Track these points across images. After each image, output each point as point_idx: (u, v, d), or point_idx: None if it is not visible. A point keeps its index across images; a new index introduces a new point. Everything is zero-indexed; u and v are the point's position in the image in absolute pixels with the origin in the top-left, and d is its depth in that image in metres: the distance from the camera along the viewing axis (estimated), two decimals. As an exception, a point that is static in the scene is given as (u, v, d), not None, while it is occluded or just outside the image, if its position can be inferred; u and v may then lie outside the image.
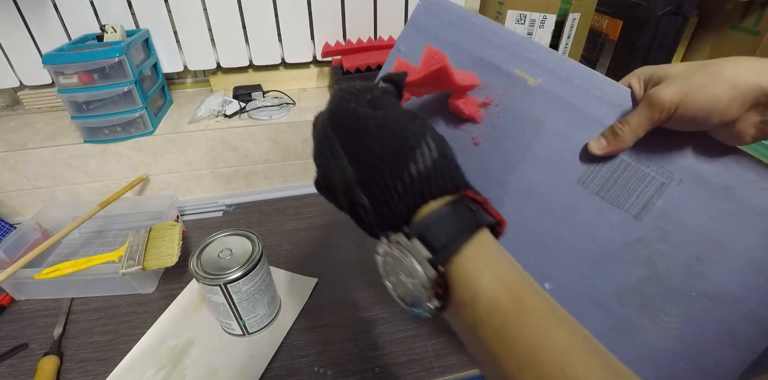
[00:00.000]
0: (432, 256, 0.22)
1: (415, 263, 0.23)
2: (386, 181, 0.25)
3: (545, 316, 0.22)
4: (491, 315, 0.22)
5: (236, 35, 0.84)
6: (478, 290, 0.22)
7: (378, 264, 0.26)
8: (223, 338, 0.56)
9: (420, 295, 0.23)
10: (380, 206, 0.25)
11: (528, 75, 0.38)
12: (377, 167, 0.25)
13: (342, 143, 0.28)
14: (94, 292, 0.63)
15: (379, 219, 0.26)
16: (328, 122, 0.29)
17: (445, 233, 0.23)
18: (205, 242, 0.54)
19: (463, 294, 0.22)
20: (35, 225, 0.71)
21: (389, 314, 0.59)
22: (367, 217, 0.27)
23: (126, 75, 0.71)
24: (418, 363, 0.52)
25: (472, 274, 0.22)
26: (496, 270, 0.23)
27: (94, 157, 0.76)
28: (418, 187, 0.24)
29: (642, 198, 0.36)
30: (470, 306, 0.22)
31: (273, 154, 0.83)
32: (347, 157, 0.27)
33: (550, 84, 0.37)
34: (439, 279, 0.23)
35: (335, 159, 0.28)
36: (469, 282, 0.22)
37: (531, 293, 0.22)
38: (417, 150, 0.25)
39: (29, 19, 0.77)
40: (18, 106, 0.89)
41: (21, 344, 0.56)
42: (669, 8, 0.77)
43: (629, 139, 0.34)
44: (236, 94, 0.86)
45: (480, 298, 0.22)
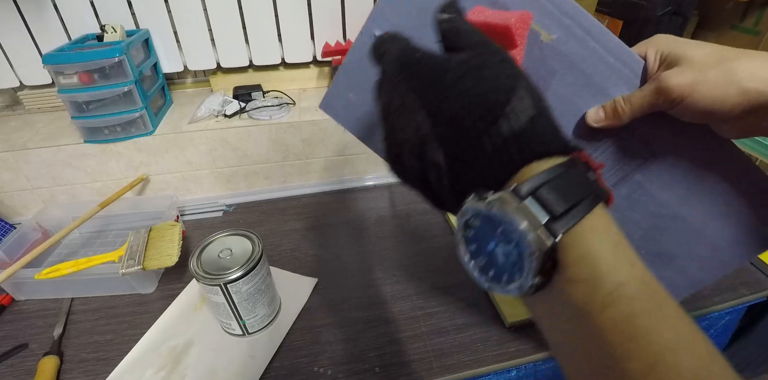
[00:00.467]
0: (551, 220, 0.19)
1: (526, 228, 0.19)
2: (470, 137, 0.21)
3: (681, 318, 0.19)
4: (616, 301, 0.18)
5: (236, 35, 0.84)
6: (600, 270, 0.19)
7: (457, 229, 0.23)
8: (223, 338, 0.56)
9: (520, 267, 0.20)
10: (461, 165, 0.22)
11: (542, 29, 0.35)
12: (459, 122, 0.22)
13: (418, 95, 0.23)
14: (94, 292, 0.63)
15: (456, 180, 0.23)
16: (398, 73, 0.25)
17: (564, 198, 0.19)
18: (205, 242, 0.54)
19: (578, 272, 0.19)
20: (35, 225, 0.71)
21: (389, 314, 0.59)
22: (439, 179, 0.23)
23: (126, 75, 0.71)
24: (418, 363, 0.52)
25: (594, 250, 0.19)
26: (622, 249, 0.20)
27: (94, 157, 0.76)
28: (514, 146, 0.21)
29: (623, 171, 0.37)
30: (586, 287, 0.19)
31: (273, 154, 0.83)
32: (424, 111, 0.23)
33: (564, 43, 0.35)
34: (553, 250, 0.19)
35: (407, 112, 0.24)
36: (590, 259, 0.19)
37: (662, 288, 0.19)
38: (508, 105, 0.21)
39: (29, 19, 0.77)
40: (18, 106, 0.89)
41: (21, 344, 0.56)
42: (669, 8, 0.77)
43: (627, 117, 0.34)
44: (236, 94, 0.86)
45: (603, 279, 0.18)
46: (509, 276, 0.20)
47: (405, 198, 0.85)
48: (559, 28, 0.35)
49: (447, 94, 0.22)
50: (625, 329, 0.18)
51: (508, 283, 0.21)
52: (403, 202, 0.83)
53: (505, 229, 0.20)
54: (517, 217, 0.19)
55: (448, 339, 0.55)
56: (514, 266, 0.20)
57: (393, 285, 0.64)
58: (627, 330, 0.18)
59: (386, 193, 0.86)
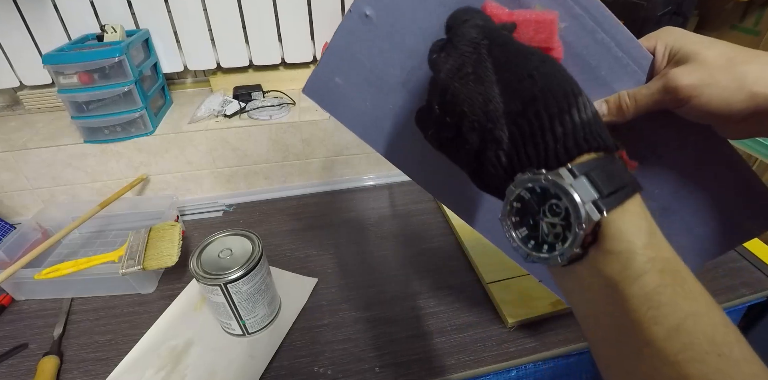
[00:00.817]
0: (600, 198, 0.21)
1: (580, 201, 0.21)
2: (544, 120, 0.23)
3: (702, 293, 0.21)
4: (646, 273, 0.21)
5: (236, 35, 0.84)
6: (635, 245, 0.21)
7: (505, 202, 0.25)
8: (223, 338, 0.56)
9: (563, 238, 0.22)
10: (525, 144, 0.23)
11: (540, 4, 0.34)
12: (538, 102, 0.23)
13: (497, 68, 0.24)
14: (94, 292, 0.63)
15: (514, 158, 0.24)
16: (486, 42, 0.25)
17: (611, 182, 0.22)
18: (205, 242, 0.54)
19: (616, 245, 0.21)
20: (35, 225, 0.71)
21: (389, 314, 0.59)
22: (497, 157, 0.24)
23: (126, 75, 0.71)
24: (418, 363, 0.52)
25: (632, 229, 0.21)
26: (654, 230, 0.22)
27: (94, 157, 0.76)
28: (580, 134, 0.22)
29: None
30: (621, 259, 0.21)
31: (273, 154, 0.83)
32: (499, 86, 0.24)
33: (571, 33, 0.34)
34: (597, 224, 0.21)
35: (480, 84, 0.24)
36: (627, 235, 0.21)
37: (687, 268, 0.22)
38: (580, 97, 0.23)
39: (29, 19, 0.77)
40: (18, 106, 0.89)
41: (21, 344, 0.56)
42: (669, 8, 0.77)
43: (631, 114, 0.33)
44: (236, 94, 0.86)
45: (637, 253, 0.21)
46: (550, 246, 0.23)
47: (405, 198, 0.85)
48: (569, 17, 0.33)
49: (532, 73, 0.23)
50: (653, 298, 0.20)
51: (549, 252, 0.23)
52: (403, 202, 0.83)
53: (556, 202, 0.22)
54: (572, 191, 0.21)
55: (448, 339, 0.55)
56: (557, 237, 0.22)
57: (393, 285, 0.63)
58: (654, 298, 0.20)
59: (386, 193, 0.86)
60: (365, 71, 0.36)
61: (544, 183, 0.22)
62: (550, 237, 0.23)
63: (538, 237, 0.24)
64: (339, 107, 0.38)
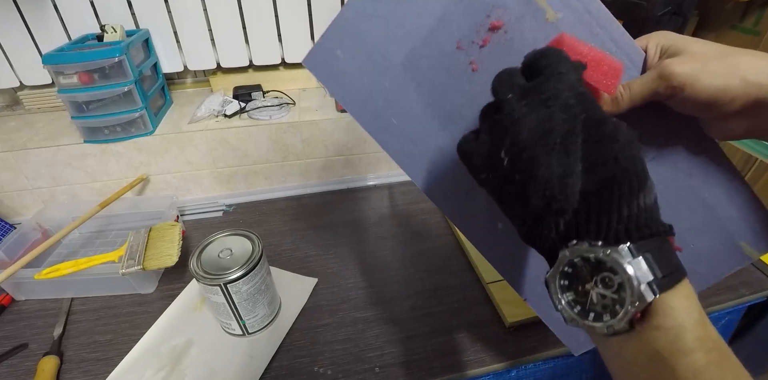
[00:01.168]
0: (655, 280, 0.22)
1: (635, 282, 0.22)
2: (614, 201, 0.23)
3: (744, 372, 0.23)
4: (696, 351, 0.22)
5: (236, 35, 0.84)
6: (686, 322, 0.22)
7: (559, 264, 0.25)
8: (223, 338, 0.56)
9: (612, 311, 0.23)
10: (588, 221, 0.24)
11: (550, 6, 0.34)
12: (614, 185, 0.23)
13: (586, 147, 0.24)
14: (94, 292, 0.63)
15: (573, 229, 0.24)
16: (581, 114, 0.24)
17: (666, 264, 0.23)
18: (205, 242, 0.54)
19: (666, 322, 0.22)
20: (35, 225, 0.71)
21: (389, 314, 0.59)
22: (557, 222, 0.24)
23: (126, 75, 0.71)
24: (418, 363, 0.52)
25: (682, 307, 0.22)
26: (702, 313, 0.23)
27: (94, 157, 0.76)
28: (642, 218, 0.23)
29: None
30: (670, 334, 0.22)
31: (273, 154, 0.83)
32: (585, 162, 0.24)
33: (568, 24, 0.34)
34: (649, 303, 0.22)
35: (565, 157, 0.24)
36: (678, 313, 0.22)
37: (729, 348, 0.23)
38: (648, 181, 0.24)
39: (29, 19, 0.77)
40: (18, 106, 0.89)
41: (21, 344, 0.56)
42: (669, 8, 0.77)
43: (625, 104, 0.32)
44: (236, 94, 0.86)
45: (687, 330, 0.22)
46: (596, 315, 0.24)
47: (405, 198, 0.85)
48: (566, 8, 0.34)
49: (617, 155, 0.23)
50: (702, 375, 0.21)
51: (595, 321, 0.24)
52: (403, 202, 0.83)
53: (609, 276, 0.23)
54: (630, 270, 0.22)
55: (448, 339, 0.55)
56: (605, 308, 0.23)
57: (393, 285, 0.63)
58: (704, 375, 0.21)
59: (386, 193, 0.86)
60: (367, 47, 0.35)
61: (602, 256, 0.23)
62: (598, 307, 0.24)
63: (586, 304, 0.24)
64: (335, 81, 0.37)
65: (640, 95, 0.32)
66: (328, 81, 0.38)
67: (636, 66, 0.34)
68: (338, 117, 0.81)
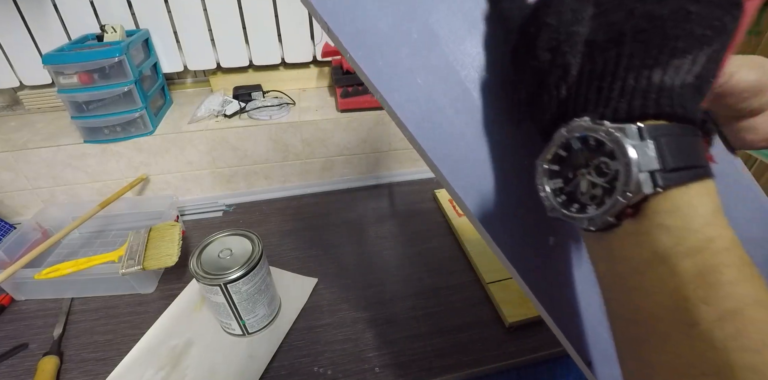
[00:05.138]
0: (660, 170, 0.18)
1: (634, 168, 0.18)
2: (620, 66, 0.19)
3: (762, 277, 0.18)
4: (702, 251, 0.18)
5: (236, 35, 0.84)
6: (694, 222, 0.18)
7: (550, 145, 0.22)
8: (223, 338, 0.56)
9: (599, 202, 0.20)
10: (589, 84, 0.20)
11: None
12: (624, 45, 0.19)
13: None
14: (94, 292, 0.63)
15: (572, 94, 0.21)
16: None
17: (681, 156, 0.18)
18: (205, 242, 0.54)
19: (668, 220, 0.18)
20: (35, 225, 0.71)
21: (389, 314, 0.59)
22: (558, 85, 0.21)
23: (126, 75, 0.71)
24: (418, 363, 0.52)
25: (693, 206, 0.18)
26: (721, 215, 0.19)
27: (94, 157, 0.76)
28: (653, 96, 0.19)
29: None
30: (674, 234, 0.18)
31: (273, 154, 0.83)
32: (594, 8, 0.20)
33: None
34: (645, 199, 0.18)
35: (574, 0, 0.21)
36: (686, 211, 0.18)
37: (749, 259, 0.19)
38: (676, 59, 0.19)
39: (29, 19, 0.77)
40: (18, 106, 0.89)
41: (21, 344, 0.56)
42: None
43: None
44: (236, 94, 0.86)
45: (695, 231, 0.18)
46: (580, 206, 0.20)
47: (405, 198, 0.85)
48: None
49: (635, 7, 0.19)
50: (708, 277, 0.18)
51: (578, 212, 0.20)
52: (403, 202, 0.83)
53: (607, 161, 0.19)
54: (630, 153, 0.18)
55: (448, 339, 0.55)
56: (593, 198, 0.20)
57: (393, 285, 0.63)
58: (709, 278, 0.18)
59: (386, 193, 0.86)
60: None
61: (603, 136, 0.19)
62: (584, 198, 0.20)
63: (573, 193, 0.21)
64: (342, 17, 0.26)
65: None
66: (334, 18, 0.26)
67: None
68: (338, 117, 0.81)
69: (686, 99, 0.19)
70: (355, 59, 0.27)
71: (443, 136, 0.27)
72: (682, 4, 0.19)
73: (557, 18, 0.21)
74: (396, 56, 0.27)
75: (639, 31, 0.19)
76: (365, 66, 0.27)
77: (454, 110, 0.27)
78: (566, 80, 0.21)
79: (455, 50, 0.28)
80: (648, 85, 0.19)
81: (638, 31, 0.19)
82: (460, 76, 0.28)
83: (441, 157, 0.27)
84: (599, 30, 0.20)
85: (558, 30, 0.21)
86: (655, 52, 0.19)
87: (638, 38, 0.19)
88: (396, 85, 0.27)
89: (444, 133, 0.27)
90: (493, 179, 0.28)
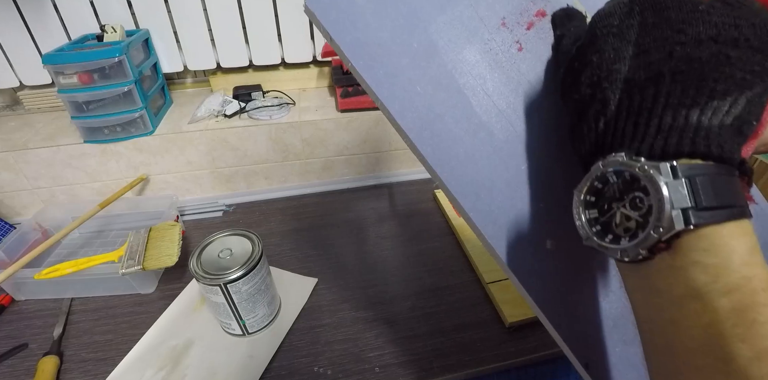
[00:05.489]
0: (693, 208, 0.18)
1: (667, 205, 0.18)
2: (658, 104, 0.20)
3: None
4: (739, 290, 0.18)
5: (236, 35, 0.84)
6: (731, 260, 0.18)
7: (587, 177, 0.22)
8: (223, 338, 0.56)
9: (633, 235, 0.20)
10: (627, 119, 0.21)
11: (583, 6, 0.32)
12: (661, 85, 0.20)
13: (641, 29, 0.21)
14: (94, 292, 0.63)
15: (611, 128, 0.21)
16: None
17: (715, 195, 0.19)
18: (205, 242, 0.54)
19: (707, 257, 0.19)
20: (35, 225, 0.71)
21: (389, 314, 0.59)
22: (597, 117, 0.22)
23: (126, 75, 0.71)
24: (418, 363, 0.52)
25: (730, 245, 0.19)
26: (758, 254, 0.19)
27: (94, 157, 0.76)
28: (689, 135, 0.19)
29: None
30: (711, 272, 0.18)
31: (273, 154, 0.83)
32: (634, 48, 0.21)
33: None
34: (677, 235, 0.19)
35: (618, 40, 0.22)
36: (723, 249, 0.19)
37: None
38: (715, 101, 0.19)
39: (29, 19, 0.77)
40: (18, 106, 0.89)
41: (21, 344, 0.56)
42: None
43: None
44: (236, 94, 0.86)
45: (732, 269, 0.18)
46: (614, 237, 0.21)
47: (405, 198, 0.85)
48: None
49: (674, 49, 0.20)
50: (744, 316, 0.18)
51: (611, 243, 0.21)
52: (403, 202, 0.83)
53: (641, 196, 0.20)
54: (665, 190, 0.19)
55: (448, 339, 0.55)
56: (627, 231, 0.20)
57: (393, 285, 0.63)
58: (746, 317, 0.18)
59: (386, 193, 0.86)
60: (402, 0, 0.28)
61: (637, 172, 0.20)
62: (619, 229, 0.21)
63: (608, 224, 0.22)
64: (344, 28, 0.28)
65: None
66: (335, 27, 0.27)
67: None
68: (338, 117, 0.81)
69: (724, 139, 0.20)
70: (356, 68, 0.27)
71: (442, 142, 0.28)
72: (721, 49, 0.19)
73: (599, 56, 0.22)
74: (396, 65, 0.28)
75: (678, 72, 0.20)
76: (366, 75, 0.27)
77: (452, 118, 0.28)
78: (605, 114, 0.22)
79: (454, 59, 0.29)
80: (685, 124, 0.19)
81: (677, 72, 0.20)
82: (459, 84, 0.29)
83: (440, 163, 0.28)
84: (639, 69, 0.21)
85: (600, 66, 0.22)
86: (693, 92, 0.19)
87: (677, 78, 0.20)
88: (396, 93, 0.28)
89: (443, 139, 0.28)
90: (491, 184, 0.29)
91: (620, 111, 0.21)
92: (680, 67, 0.20)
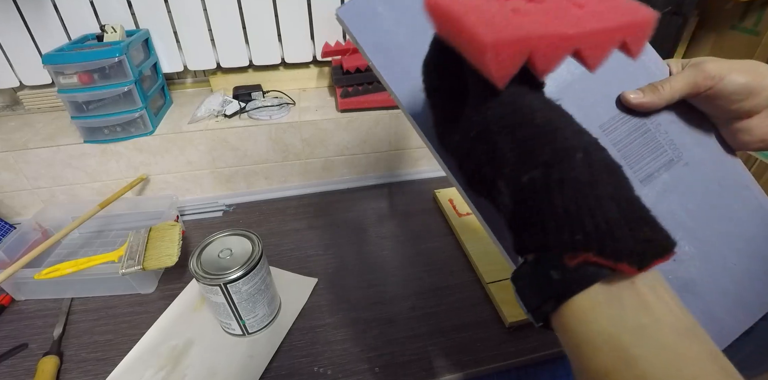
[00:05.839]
0: (528, 312, 0.22)
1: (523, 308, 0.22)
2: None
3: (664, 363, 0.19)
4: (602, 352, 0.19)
5: (236, 35, 0.84)
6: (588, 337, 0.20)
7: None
8: (223, 338, 0.56)
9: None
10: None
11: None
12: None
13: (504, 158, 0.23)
14: (94, 292, 0.63)
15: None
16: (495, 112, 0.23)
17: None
18: (205, 242, 0.54)
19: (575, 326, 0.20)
20: (35, 225, 0.71)
21: (389, 314, 0.59)
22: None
23: (126, 75, 0.71)
24: (418, 363, 0.52)
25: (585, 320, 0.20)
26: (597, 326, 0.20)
27: (94, 157, 0.76)
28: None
29: (651, 167, 0.36)
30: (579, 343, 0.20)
31: (273, 154, 0.83)
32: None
33: None
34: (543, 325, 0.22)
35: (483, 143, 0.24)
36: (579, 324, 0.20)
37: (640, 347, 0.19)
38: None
39: (29, 19, 0.77)
40: (18, 106, 0.89)
41: (21, 344, 0.56)
42: (669, 8, 0.77)
43: (666, 97, 0.33)
44: (236, 94, 0.86)
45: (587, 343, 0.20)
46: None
47: (405, 198, 0.85)
48: None
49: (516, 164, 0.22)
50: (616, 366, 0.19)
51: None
52: (403, 202, 0.83)
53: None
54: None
55: (447, 339, 0.55)
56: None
57: (393, 285, 0.64)
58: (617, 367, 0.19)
59: (386, 193, 0.86)
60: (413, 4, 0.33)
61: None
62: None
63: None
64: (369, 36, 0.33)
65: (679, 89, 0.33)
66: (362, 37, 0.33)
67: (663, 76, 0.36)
68: (338, 117, 0.81)
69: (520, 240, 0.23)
70: (376, 67, 0.33)
71: None
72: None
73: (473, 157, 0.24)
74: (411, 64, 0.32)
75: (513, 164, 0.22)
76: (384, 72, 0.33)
77: None
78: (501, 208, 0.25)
79: None
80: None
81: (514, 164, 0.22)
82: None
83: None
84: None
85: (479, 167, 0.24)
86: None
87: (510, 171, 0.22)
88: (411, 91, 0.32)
89: None
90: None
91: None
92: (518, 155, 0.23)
